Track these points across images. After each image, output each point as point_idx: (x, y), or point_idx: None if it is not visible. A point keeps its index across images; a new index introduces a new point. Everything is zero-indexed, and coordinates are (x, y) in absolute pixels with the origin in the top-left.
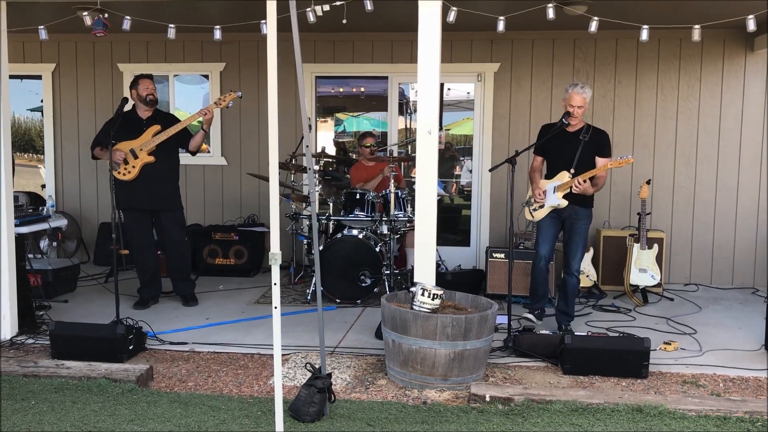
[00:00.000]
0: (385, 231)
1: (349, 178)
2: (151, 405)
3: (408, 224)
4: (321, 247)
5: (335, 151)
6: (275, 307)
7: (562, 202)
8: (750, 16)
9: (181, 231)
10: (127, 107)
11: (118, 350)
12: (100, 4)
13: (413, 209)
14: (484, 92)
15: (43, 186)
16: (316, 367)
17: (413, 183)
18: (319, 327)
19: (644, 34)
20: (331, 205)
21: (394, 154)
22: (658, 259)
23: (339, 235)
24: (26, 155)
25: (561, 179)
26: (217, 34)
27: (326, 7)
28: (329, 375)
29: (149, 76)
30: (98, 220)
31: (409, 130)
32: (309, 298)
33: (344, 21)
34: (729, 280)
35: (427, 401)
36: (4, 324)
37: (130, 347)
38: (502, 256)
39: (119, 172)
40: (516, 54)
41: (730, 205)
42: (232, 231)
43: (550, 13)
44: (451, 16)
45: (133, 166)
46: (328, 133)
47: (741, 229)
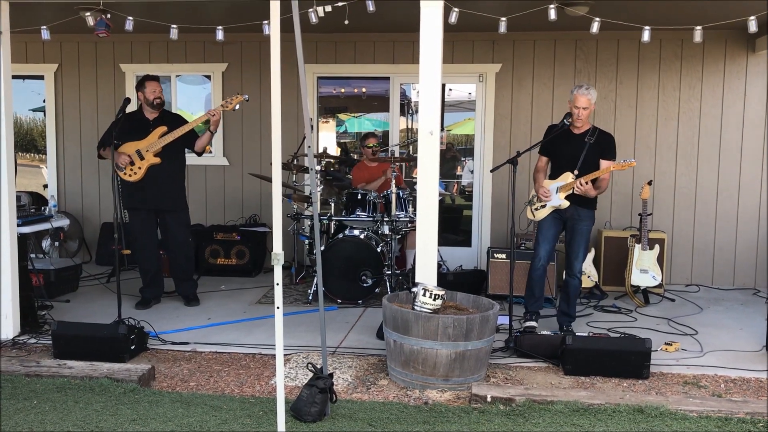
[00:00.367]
0: (387, 231)
1: (350, 179)
2: (153, 405)
3: (409, 224)
4: (322, 248)
5: (337, 151)
6: (277, 307)
7: (563, 202)
8: (751, 17)
9: (185, 231)
10: (131, 107)
11: (120, 350)
12: (103, 5)
13: (414, 209)
14: (486, 93)
15: (46, 186)
16: (318, 367)
17: (415, 183)
18: (321, 327)
19: (646, 35)
20: (333, 205)
21: (396, 155)
22: (660, 260)
23: (340, 236)
24: (28, 155)
25: (564, 180)
26: (220, 35)
27: (328, 8)
28: (331, 375)
29: (155, 78)
30: (100, 219)
31: (410, 131)
32: (310, 298)
33: (346, 22)
34: (730, 281)
35: (429, 401)
36: (7, 324)
37: (132, 347)
38: (504, 256)
39: (125, 173)
40: (517, 55)
41: (732, 206)
42: (234, 231)
43: (552, 14)
44: (453, 17)
45: (140, 167)
46: (330, 134)
47: (742, 230)
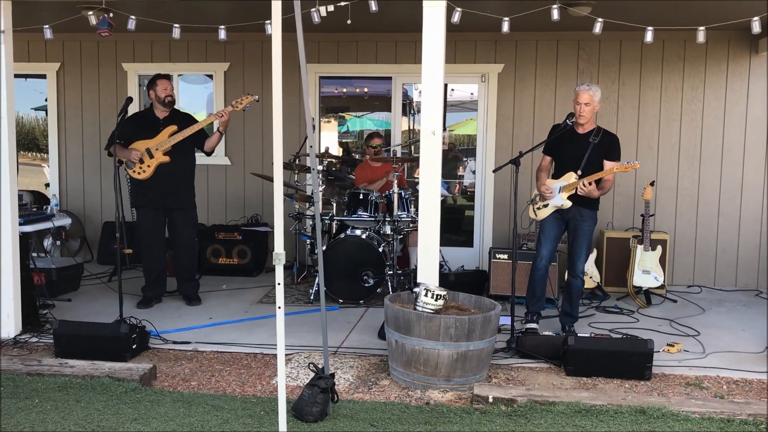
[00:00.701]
0: (388, 231)
1: (352, 179)
2: (155, 404)
3: (411, 225)
4: (324, 247)
5: (339, 151)
6: (279, 307)
7: (566, 202)
8: (755, 18)
9: (192, 231)
10: (133, 107)
11: (122, 349)
12: (105, 4)
13: (416, 209)
14: (488, 93)
15: (47, 185)
16: (319, 367)
17: (416, 183)
18: (323, 327)
19: (648, 36)
20: (335, 205)
21: (398, 155)
22: (662, 261)
23: (342, 235)
24: (30, 154)
25: (567, 180)
26: (222, 34)
27: (331, 8)
28: (332, 375)
29: (167, 77)
30: (102, 219)
31: (412, 131)
32: (312, 298)
33: (349, 21)
34: (732, 282)
35: (430, 402)
36: (8, 322)
37: (134, 346)
38: (506, 256)
39: (135, 171)
40: (520, 55)
41: (734, 207)
42: (236, 231)
43: (555, 14)
44: (456, 17)
45: (149, 165)
46: (332, 134)
47: (745, 231)
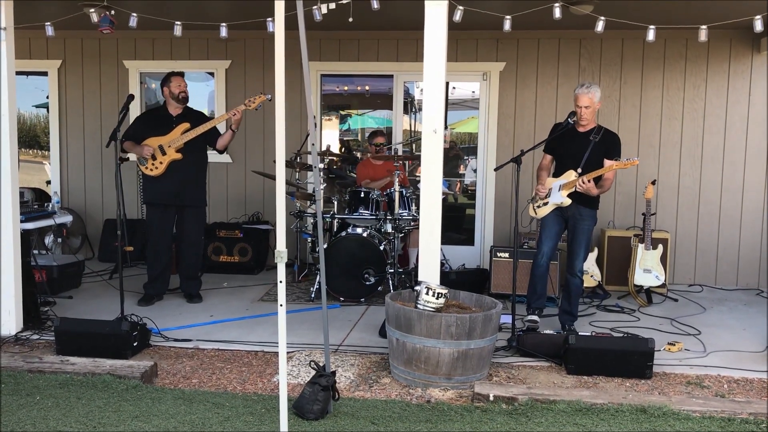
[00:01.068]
0: (390, 229)
1: (353, 177)
2: (156, 401)
3: (412, 223)
4: (325, 245)
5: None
6: (280, 305)
7: (565, 200)
8: (757, 17)
9: (200, 229)
10: (134, 105)
11: (123, 346)
12: (107, 1)
13: (417, 208)
14: (490, 91)
15: (49, 182)
16: (320, 365)
17: (418, 182)
18: (324, 325)
19: (650, 35)
20: (336, 203)
21: (399, 153)
22: (663, 260)
23: (343, 234)
24: (31, 151)
25: (567, 178)
26: (223, 32)
27: (332, 6)
28: (333, 373)
29: (181, 74)
30: (103, 216)
31: (413, 129)
32: (313, 296)
33: (350, 19)
34: (734, 281)
35: (431, 400)
36: (9, 320)
37: (135, 344)
38: (507, 255)
39: (146, 167)
40: (521, 53)
41: (735, 206)
42: (237, 228)
43: (557, 13)
44: (457, 15)
45: (161, 162)
46: (333, 132)
47: (746, 230)
